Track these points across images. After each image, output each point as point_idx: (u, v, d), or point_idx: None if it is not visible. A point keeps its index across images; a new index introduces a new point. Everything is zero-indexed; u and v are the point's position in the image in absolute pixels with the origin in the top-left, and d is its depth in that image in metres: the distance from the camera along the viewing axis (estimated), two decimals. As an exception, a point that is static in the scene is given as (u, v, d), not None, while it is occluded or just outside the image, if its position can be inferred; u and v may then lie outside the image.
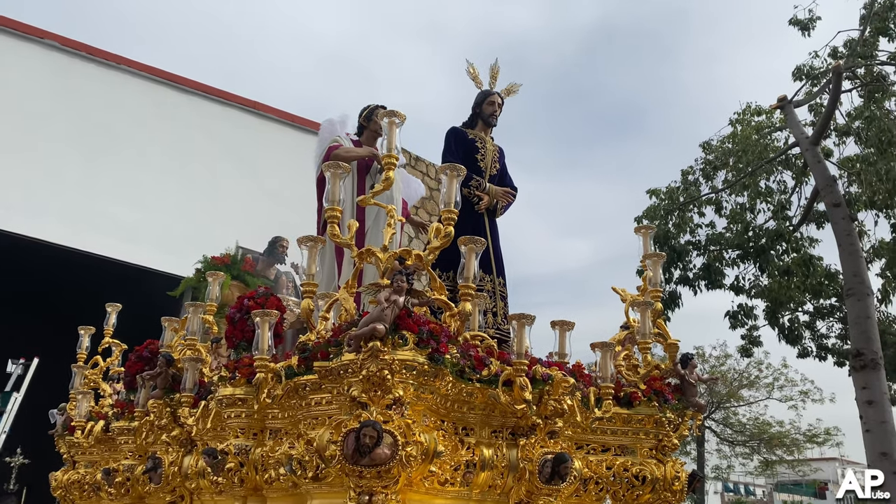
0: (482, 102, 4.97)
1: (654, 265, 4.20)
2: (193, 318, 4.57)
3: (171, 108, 14.51)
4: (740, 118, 14.20)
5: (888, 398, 10.36)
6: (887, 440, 9.66)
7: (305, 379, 3.44)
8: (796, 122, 12.81)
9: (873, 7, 12.51)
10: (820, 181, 11.91)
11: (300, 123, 16.33)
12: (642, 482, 3.73)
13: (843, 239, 11.20)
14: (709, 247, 13.59)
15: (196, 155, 14.33)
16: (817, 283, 12.94)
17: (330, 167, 3.50)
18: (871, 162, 12.10)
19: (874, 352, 10.19)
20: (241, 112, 15.60)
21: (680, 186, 14.09)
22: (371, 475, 2.96)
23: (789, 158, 13.60)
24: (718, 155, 14.14)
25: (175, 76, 14.91)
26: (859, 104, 12.84)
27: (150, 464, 4.36)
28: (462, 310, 3.34)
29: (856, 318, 10.60)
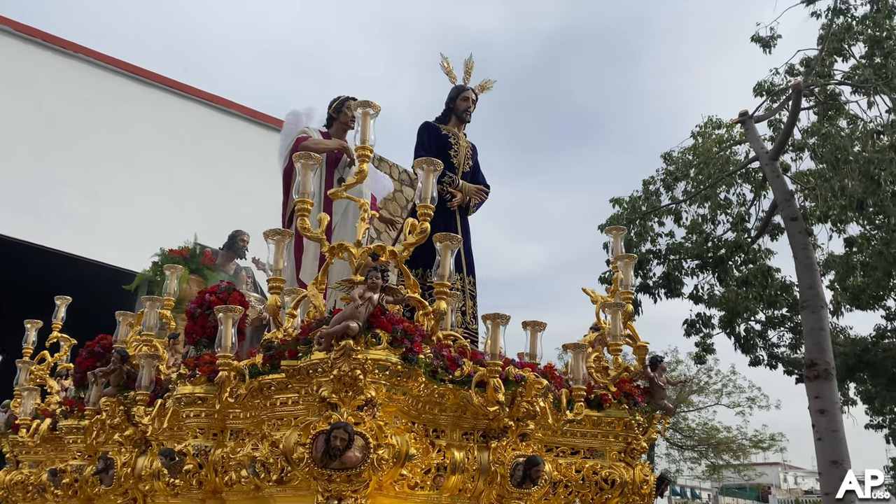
0: (456, 98, 4.90)
1: (626, 267, 4.17)
2: (150, 313, 4.39)
3: (126, 99, 14.12)
4: (702, 131, 14.43)
5: (839, 407, 10.59)
6: (838, 448, 9.86)
7: (271, 378, 3.32)
8: (756, 137, 13.06)
9: (831, 28, 12.84)
10: (778, 195, 12.14)
11: (259, 119, 16.07)
12: (611, 485, 3.70)
13: (800, 252, 11.44)
14: (669, 256, 13.76)
15: (151, 148, 13.95)
16: (773, 294, 13.19)
17: (301, 158, 3.39)
18: (827, 178, 12.38)
19: (827, 362, 10.40)
20: (199, 105, 15.28)
21: (641, 196, 14.24)
22: (341, 479, 2.86)
23: (749, 172, 13.86)
24: (679, 166, 14.34)
25: (130, 66, 14.51)
26: (815, 121, 13.15)
27: (102, 464, 4.16)
28: (437, 308, 3.26)
29: (810, 330, 10.81)
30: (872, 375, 13.73)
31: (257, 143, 15.59)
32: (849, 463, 9.88)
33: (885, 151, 11.78)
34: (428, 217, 3.29)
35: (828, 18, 12.84)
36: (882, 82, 12.14)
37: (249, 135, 15.77)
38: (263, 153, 15.46)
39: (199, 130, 14.85)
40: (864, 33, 12.47)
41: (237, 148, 15.16)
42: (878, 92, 12.38)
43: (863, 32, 12.48)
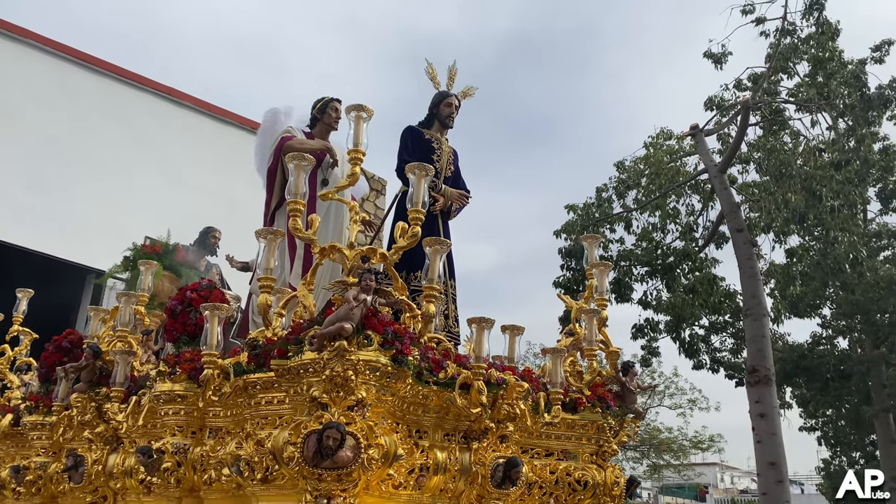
0: (439, 103, 4.90)
1: (601, 274, 4.26)
2: (125, 309, 4.29)
3: (79, 89, 13.67)
4: (653, 142, 14.77)
5: (778, 412, 10.96)
6: (776, 451, 10.22)
7: (256, 377, 3.29)
8: (706, 150, 13.42)
9: (778, 47, 13.29)
10: (725, 207, 12.50)
11: (217, 113, 15.75)
12: (584, 487, 3.76)
13: (744, 262, 11.79)
14: (619, 262, 14.03)
15: (104, 139, 13.54)
16: (717, 302, 13.57)
17: (294, 159, 3.36)
18: (771, 192, 12.81)
19: (767, 368, 10.75)
20: (155, 97, 14.88)
21: (595, 203, 14.49)
22: (331, 478, 2.85)
23: (697, 183, 14.24)
24: (631, 175, 14.65)
25: (82, 53, 14.04)
26: (761, 135, 13.59)
27: (71, 461, 4.05)
28: (426, 311, 3.28)
29: (752, 337, 11.16)
30: (808, 380, 14.26)
31: (214, 138, 15.30)
32: (785, 464, 10.25)
33: (825, 168, 12.27)
34: (419, 221, 3.31)
35: (775, 38, 13.31)
36: (824, 101, 12.64)
37: (206, 129, 15.45)
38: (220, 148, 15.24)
39: (154, 123, 14.47)
40: (809, 52, 12.94)
41: (193, 142, 14.84)
42: (820, 110, 12.88)
43: (807, 52, 12.94)
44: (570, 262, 13.60)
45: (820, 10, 12.91)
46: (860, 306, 12.73)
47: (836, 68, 12.69)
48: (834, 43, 12.81)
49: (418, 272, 4.34)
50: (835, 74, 12.72)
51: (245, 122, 16.17)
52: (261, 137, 5.22)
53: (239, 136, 15.99)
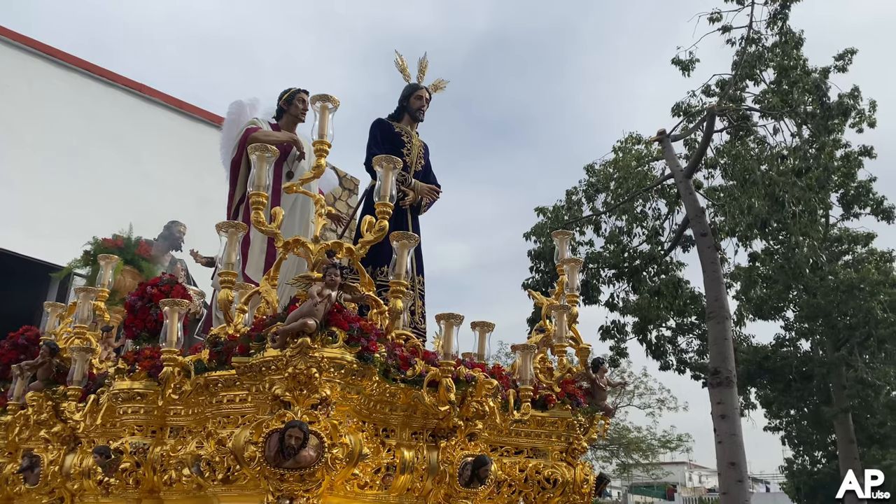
0: (409, 96, 4.77)
1: (571, 270, 4.18)
2: (84, 305, 4.11)
3: (43, 82, 13.30)
4: (622, 146, 14.80)
5: (739, 413, 11.02)
6: (736, 451, 10.27)
7: (218, 375, 3.14)
8: (672, 155, 13.47)
9: (744, 56, 13.40)
10: (690, 211, 12.55)
11: (185, 109, 15.44)
12: (553, 485, 3.67)
13: (708, 266, 11.84)
14: (588, 265, 14.02)
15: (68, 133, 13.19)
16: (682, 304, 13.62)
17: (256, 150, 3.22)
18: (735, 197, 12.90)
19: (729, 370, 10.80)
20: (122, 93, 14.53)
21: (564, 206, 14.48)
22: (294, 478, 2.72)
23: (664, 188, 14.30)
24: (601, 178, 14.66)
25: (50, 48, 13.67)
26: (727, 140, 13.68)
27: (26, 462, 3.86)
28: (393, 307, 3.16)
29: (714, 339, 11.21)
30: (771, 381, 14.38)
31: (180, 133, 15.00)
32: (745, 464, 10.32)
33: (788, 175, 12.39)
34: (386, 215, 3.19)
35: (741, 46, 13.42)
36: (788, 109, 12.76)
37: (172, 124, 15.13)
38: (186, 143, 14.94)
39: (121, 119, 14.13)
40: (774, 60, 13.05)
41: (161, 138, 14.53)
42: (783, 118, 13.01)
43: (773, 59, 13.06)
44: (540, 263, 13.56)
45: (784, 19, 13.06)
46: (821, 309, 12.87)
47: (800, 76, 12.83)
48: (798, 52, 12.94)
49: (385, 267, 4.22)
50: (797, 83, 12.86)
51: (214, 118, 15.85)
52: (226, 130, 5.05)
53: (208, 132, 15.66)
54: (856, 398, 13.26)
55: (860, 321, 12.55)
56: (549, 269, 13.64)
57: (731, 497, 10.21)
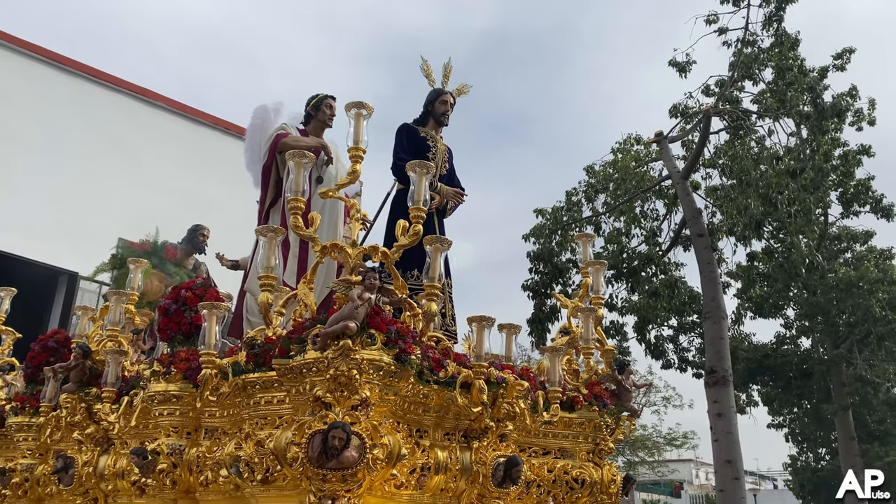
0: (434, 101, 4.73)
1: (596, 273, 4.18)
2: (115, 308, 4.09)
3: (49, 88, 13.24)
4: (621, 147, 14.80)
5: (735, 411, 11.04)
6: (732, 449, 10.29)
7: (256, 376, 3.14)
8: (670, 157, 13.45)
9: (740, 58, 13.41)
10: (687, 212, 12.54)
11: (190, 113, 15.44)
12: (581, 485, 3.67)
13: (705, 267, 11.83)
14: (587, 265, 13.97)
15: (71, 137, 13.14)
16: (681, 304, 13.61)
17: (294, 156, 3.22)
18: (732, 198, 12.90)
19: (725, 370, 10.81)
20: (127, 98, 14.51)
21: (564, 206, 14.46)
22: (336, 478, 2.72)
23: (662, 189, 14.29)
24: (600, 179, 14.65)
25: (53, 53, 13.62)
26: (726, 140, 13.66)
27: (60, 463, 3.85)
28: (428, 310, 3.16)
29: (711, 339, 11.21)
30: (772, 379, 14.38)
31: (183, 137, 14.96)
32: (741, 462, 10.33)
33: (782, 176, 12.39)
34: (421, 219, 3.19)
35: (737, 48, 13.42)
36: (784, 111, 12.76)
37: (175, 128, 15.11)
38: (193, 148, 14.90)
39: (126, 123, 14.10)
40: (772, 60, 13.03)
41: (165, 142, 14.50)
42: (780, 118, 13.00)
43: (771, 58, 13.04)
44: (539, 265, 13.53)
45: (779, 21, 13.06)
46: (821, 307, 12.88)
47: (796, 77, 12.82)
48: (795, 52, 12.93)
49: (413, 270, 4.22)
50: (793, 84, 12.86)
51: (219, 122, 15.87)
52: (250, 134, 5.06)
53: (212, 136, 15.69)
54: (855, 395, 13.29)
55: (859, 319, 12.57)
56: (548, 271, 13.63)
57: (727, 494, 10.22)
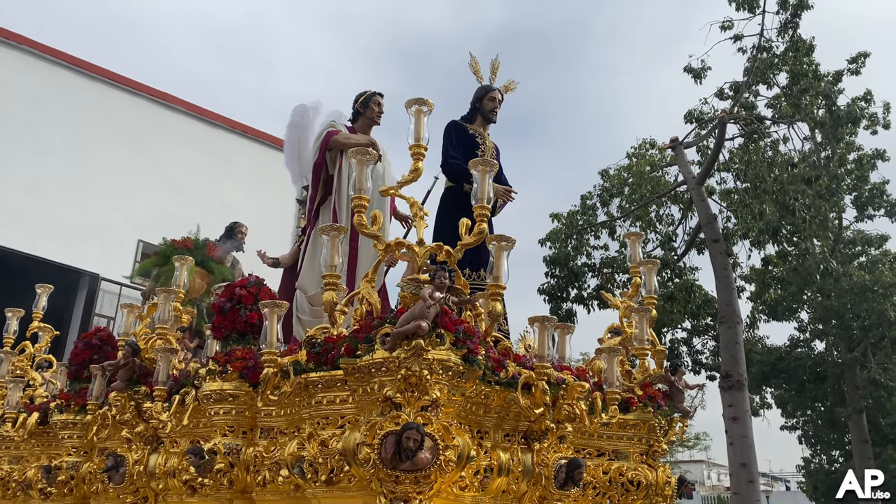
0: (483, 98, 4.60)
1: (649, 272, 4.09)
2: (165, 306, 4.01)
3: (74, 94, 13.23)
4: (636, 152, 14.70)
5: (750, 415, 10.92)
6: (747, 452, 10.18)
7: (318, 376, 3.06)
8: (685, 162, 13.34)
9: (755, 63, 13.31)
10: (702, 218, 12.42)
11: (209, 117, 15.44)
12: (637, 487, 3.58)
13: (720, 272, 11.72)
14: (602, 269, 13.89)
15: (97, 142, 13.14)
16: (695, 308, 13.49)
17: (358, 153, 3.14)
18: (747, 203, 12.80)
19: (740, 374, 10.70)
20: (149, 102, 14.52)
21: (579, 210, 14.36)
22: (409, 480, 2.63)
23: (677, 193, 14.19)
24: (614, 183, 14.55)
25: (78, 60, 13.64)
26: (740, 144, 13.54)
27: (111, 462, 3.77)
28: (493, 310, 3.07)
29: (726, 344, 11.10)
30: (786, 382, 14.25)
31: (206, 142, 14.96)
32: (755, 465, 10.22)
33: (797, 183, 12.28)
34: (485, 218, 3.10)
35: (752, 54, 13.32)
36: (799, 116, 12.65)
37: (199, 133, 15.12)
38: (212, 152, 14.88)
39: (148, 128, 14.11)
40: (787, 63, 12.93)
41: (186, 146, 14.50)
42: (796, 123, 12.89)
43: (786, 63, 12.93)
44: (555, 269, 13.43)
45: (794, 28, 12.96)
46: (835, 311, 12.76)
47: (811, 83, 12.71)
48: (809, 57, 12.82)
49: (466, 269, 4.13)
50: (808, 90, 12.76)
51: (236, 125, 15.87)
52: (290, 132, 5.01)
53: (230, 139, 15.69)
54: (869, 399, 13.16)
55: (874, 323, 12.44)
56: (563, 275, 13.54)
57: (742, 497, 10.12)
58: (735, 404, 10.49)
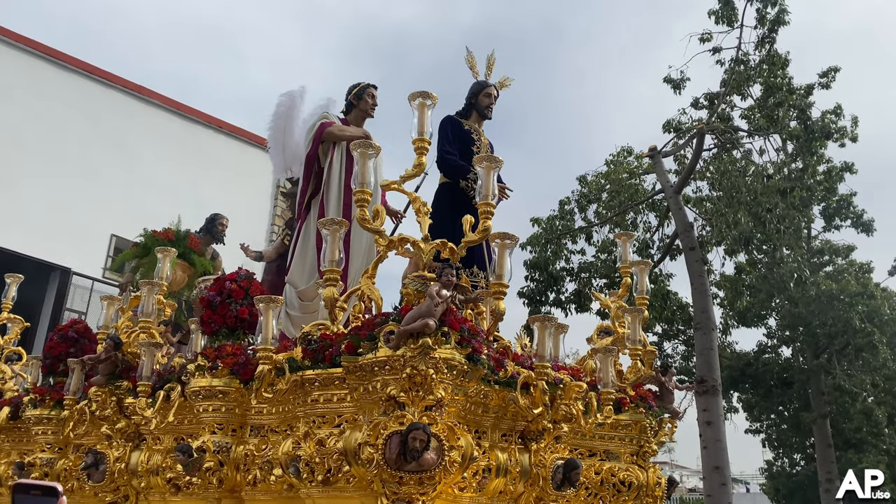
0: (478, 94, 4.54)
1: (641, 273, 4.07)
2: (148, 298, 3.87)
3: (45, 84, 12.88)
4: (614, 159, 14.80)
5: (723, 420, 11.05)
6: (720, 456, 10.30)
7: (315, 373, 2.96)
8: (663, 171, 13.44)
9: (732, 75, 13.49)
10: (679, 226, 12.52)
11: (184, 111, 15.16)
12: (628, 487, 3.54)
13: (696, 279, 11.83)
14: (580, 274, 13.95)
15: (70, 135, 12.81)
16: (671, 314, 13.59)
17: (359, 146, 3.05)
18: (722, 213, 12.96)
19: (714, 379, 10.81)
20: (122, 94, 14.20)
21: (558, 215, 14.41)
22: (413, 481, 2.56)
23: (654, 201, 14.30)
24: (592, 189, 14.63)
25: (50, 49, 13.29)
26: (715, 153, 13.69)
27: (91, 459, 3.62)
28: (496, 309, 3.01)
29: (701, 350, 11.20)
30: (753, 386, 14.44)
31: (176, 134, 14.69)
32: (728, 468, 10.35)
33: (771, 195, 12.48)
34: (490, 215, 3.04)
35: (730, 66, 13.49)
36: (774, 129, 12.86)
37: (173, 127, 14.84)
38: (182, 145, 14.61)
39: (121, 120, 13.80)
40: (762, 75, 13.13)
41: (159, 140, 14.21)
42: (771, 134, 13.10)
43: (761, 75, 13.14)
44: (535, 273, 13.44)
45: (771, 43, 13.17)
46: (802, 318, 12.98)
47: (785, 96, 12.93)
48: (784, 71, 13.04)
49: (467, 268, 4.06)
50: (782, 103, 12.97)
51: (212, 120, 15.60)
52: (275, 121, 4.89)
53: (206, 134, 15.42)
54: (833, 404, 13.42)
55: (839, 330, 12.69)
56: (543, 279, 13.56)
57: (714, 499, 10.23)
58: (709, 409, 10.58)
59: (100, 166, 12.98)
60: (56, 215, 12.15)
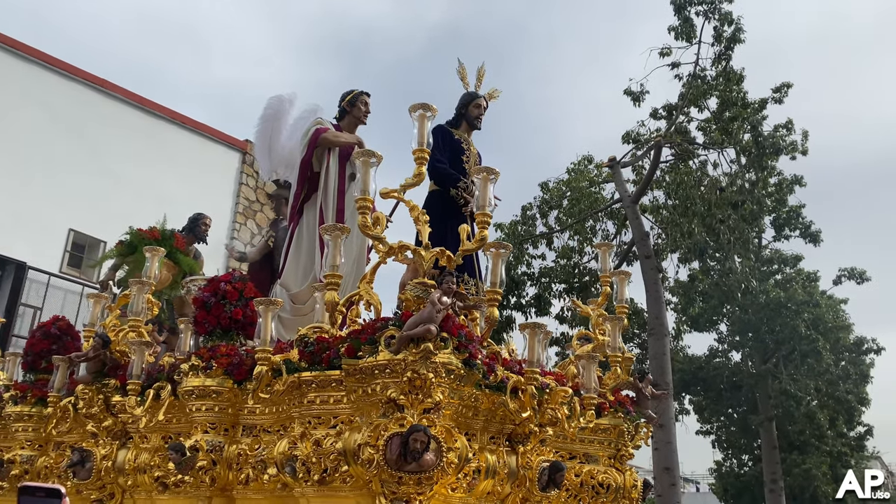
0: (468, 104, 4.60)
1: (621, 282, 4.20)
2: (138, 297, 3.83)
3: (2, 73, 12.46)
4: (576, 167, 15.06)
5: (674, 422, 11.38)
6: (671, 457, 10.62)
7: (312, 375, 2.99)
8: (622, 181, 13.73)
9: (689, 90, 13.88)
10: (636, 235, 12.81)
11: (148, 106, 14.83)
12: (606, 490, 3.66)
13: (651, 286, 12.13)
14: (540, 279, 14.16)
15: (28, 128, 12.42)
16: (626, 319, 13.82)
17: (362, 155, 3.10)
18: (677, 223, 13.32)
19: (667, 383, 11.10)
20: (83, 87, 13.82)
21: (520, 220, 14.59)
22: (411, 482, 2.61)
23: (612, 210, 14.60)
24: (554, 196, 14.87)
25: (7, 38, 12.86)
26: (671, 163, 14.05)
27: (77, 457, 3.57)
28: (490, 315, 3.09)
29: (654, 354, 11.49)
30: (704, 389, 14.86)
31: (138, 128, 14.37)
32: (678, 469, 10.67)
33: (724, 207, 12.88)
34: (486, 225, 3.12)
35: (688, 80, 13.87)
36: (728, 142, 13.28)
37: (136, 122, 14.49)
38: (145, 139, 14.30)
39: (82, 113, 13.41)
40: (718, 88, 13.54)
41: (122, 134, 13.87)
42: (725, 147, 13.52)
43: (716, 88, 13.54)
44: (504, 275, 13.56)
45: (727, 59, 13.59)
46: (751, 325, 13.42)
47: (739, 111, 13.36)
48: (739, 86, 13.46)
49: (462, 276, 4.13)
50: (737, 118, 13.41)
51: (175, 115, 15.30)
52: (263, 124, 4.88)
53: (167, 128, 15.11)
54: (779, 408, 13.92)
55: (786, 337, 13.17)
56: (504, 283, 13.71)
57: (665, 499, 10.53)
58: (661, 412, 10.89)
59: (58, 160, 12.61)
60: (11, 208, 11.77)
